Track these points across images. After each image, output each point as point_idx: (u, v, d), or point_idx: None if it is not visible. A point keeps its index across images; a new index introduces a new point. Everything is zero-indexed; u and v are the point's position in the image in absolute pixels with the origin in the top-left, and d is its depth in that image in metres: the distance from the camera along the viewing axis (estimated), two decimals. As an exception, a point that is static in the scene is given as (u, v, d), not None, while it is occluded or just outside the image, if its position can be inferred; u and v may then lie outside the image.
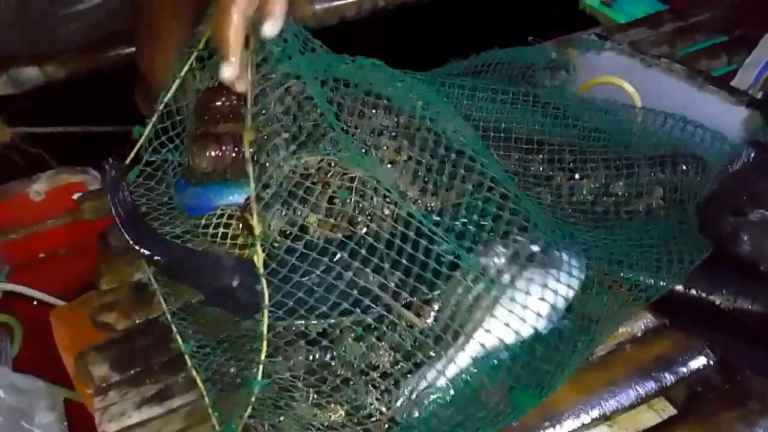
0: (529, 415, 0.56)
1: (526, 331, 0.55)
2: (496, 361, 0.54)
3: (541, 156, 0.74)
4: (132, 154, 0.68)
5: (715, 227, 0.67)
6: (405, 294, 0.55)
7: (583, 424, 0.61)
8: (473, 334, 0.55)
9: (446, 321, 0.56)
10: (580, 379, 0.62)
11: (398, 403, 0.55)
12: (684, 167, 0.71)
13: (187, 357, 0.62)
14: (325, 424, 0.56)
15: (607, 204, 0.70)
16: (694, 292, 0.64)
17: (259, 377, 0.52)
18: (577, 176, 0.70)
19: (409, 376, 0.55)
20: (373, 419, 0.55)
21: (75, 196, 0.84)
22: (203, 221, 0.70)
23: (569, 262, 0.57)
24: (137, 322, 0.71)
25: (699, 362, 0.64)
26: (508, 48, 0.89)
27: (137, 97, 0.99)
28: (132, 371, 0.66)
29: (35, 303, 0.89)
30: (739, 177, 0.73)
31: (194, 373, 0.62)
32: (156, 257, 0.61)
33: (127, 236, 0.62)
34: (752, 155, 0.75)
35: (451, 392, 0.54)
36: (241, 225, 0.67)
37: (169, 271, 0.64)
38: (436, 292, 0.55)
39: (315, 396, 0.56)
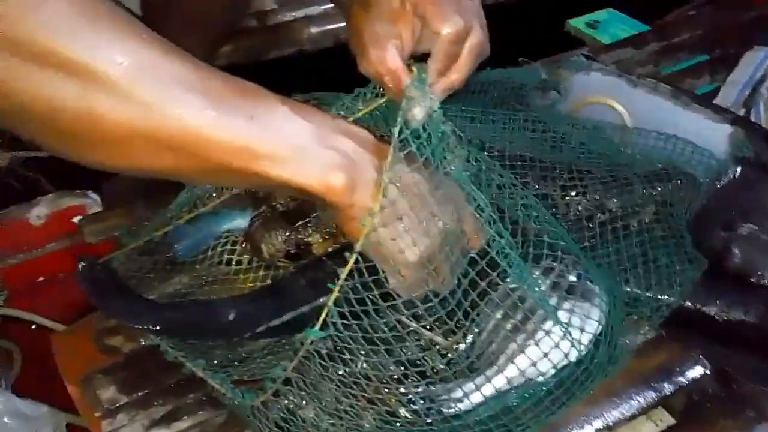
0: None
1: (562, 362, 0.57)
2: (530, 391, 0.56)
3: (535, 173, 0.76)
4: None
5: (707, 242, 0.70)
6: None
7: (587, 435, 0.63)
8: (513, 358, 0.56)
9: (483, 345, 0.57)
10: (584, 390, 0.63)
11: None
12: (676, 183, 0.74)
13: (201, 374, 0.62)
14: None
15: (603, 220, 0.72)
16: (689, 304, 0.66)
17: (318, 326, 0.48)
18: (573, 193, 0.72)
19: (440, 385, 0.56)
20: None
21: (75, 219, 0.84)
22: (209, 252, 0.72)
23: (600, 293, 0.59)
24: (143, 344, 0.71)
25: (696, 372, 0.66)
26: (499, 69, 0.91)
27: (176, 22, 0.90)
28: (140, 393, 0.67)
29: (34, 327, 0.89)
30: (726, 192, 0.76)
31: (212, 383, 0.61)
32: (150, 327, 0.62)
33: (116, 316, 0.64)
34: (738, 171, 0.77)
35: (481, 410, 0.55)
36: (248, 247, 0.69)
37: (168, 336, 0.64)
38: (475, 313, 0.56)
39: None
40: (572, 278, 0.60)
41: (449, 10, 0.52)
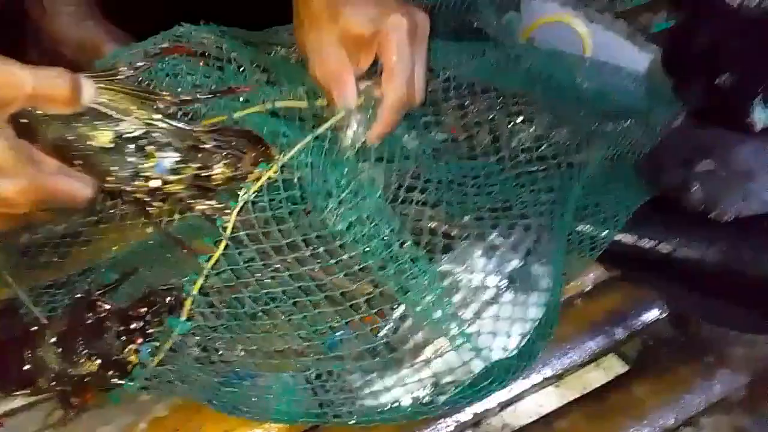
0: (479, 377, 0.51)
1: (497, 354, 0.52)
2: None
3: (482, 98, 0.69)
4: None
5: (663, 179, 0.64)
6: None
7: (534, 384, 0.57)
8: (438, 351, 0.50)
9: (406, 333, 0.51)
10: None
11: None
12: (628, 123, 0.68)
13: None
14: None
15: (547, 153, 0.65)
16: (645, 241, 0.60)
17: (183, 317, 0.47)
18: (519, 119, 0.66)
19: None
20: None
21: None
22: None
23: (545, 276, 0.54)
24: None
25: (651, 315, 0.61)
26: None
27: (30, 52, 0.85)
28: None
29: None
30: (682, 130, 0.71)
31: None
32: None
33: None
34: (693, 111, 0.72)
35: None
36: None
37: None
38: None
39: None
40: (515, 262, 0.55)
41: (401, 82, 0.52)
